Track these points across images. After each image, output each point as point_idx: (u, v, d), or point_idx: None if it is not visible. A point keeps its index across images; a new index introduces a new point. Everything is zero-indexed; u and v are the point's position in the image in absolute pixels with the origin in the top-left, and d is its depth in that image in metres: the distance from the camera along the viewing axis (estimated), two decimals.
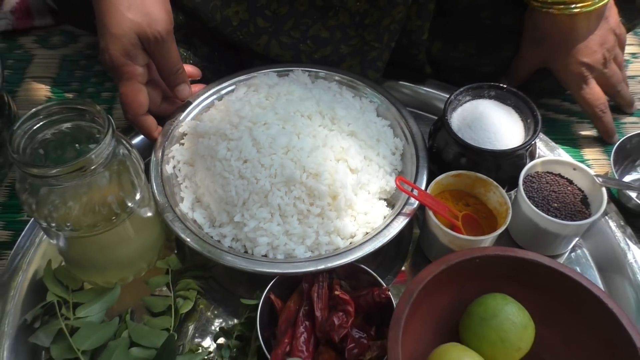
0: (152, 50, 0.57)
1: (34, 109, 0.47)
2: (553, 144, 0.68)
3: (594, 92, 0.68)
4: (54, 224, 0.48)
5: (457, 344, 0.49)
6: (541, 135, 0.68)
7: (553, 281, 0.50)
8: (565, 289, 0.50)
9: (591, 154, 0.70)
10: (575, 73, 0.67)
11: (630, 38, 0.85)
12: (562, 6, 0.61)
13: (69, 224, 0.48)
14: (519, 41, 0.69)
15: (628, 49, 0.83)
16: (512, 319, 0.49)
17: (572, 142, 0.71)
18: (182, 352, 0.54)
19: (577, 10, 0.61)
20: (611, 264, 0.59)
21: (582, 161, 0.70)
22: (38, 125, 0.47)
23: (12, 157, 0.44)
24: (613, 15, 0.66)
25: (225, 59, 0.75)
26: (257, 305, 0.52)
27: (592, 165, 0.69)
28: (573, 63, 0.66)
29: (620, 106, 0.73)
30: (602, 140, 0.71)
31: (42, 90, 0.81)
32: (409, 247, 0.63)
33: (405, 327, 0.48)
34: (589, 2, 0.60)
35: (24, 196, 0.47)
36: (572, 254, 0.61)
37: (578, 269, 0.60)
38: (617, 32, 0.67)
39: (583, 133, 0.73)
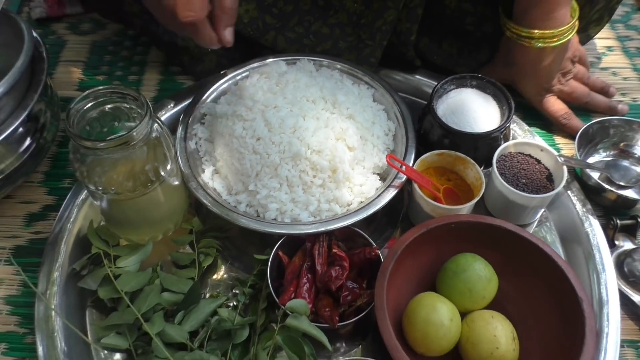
0: None
1: (85, 93, 0.57)
2: (527, 127, 0.78)
3: (554, 106, 0.78)
4: (100, 188, 0.58)
5: (433, 293, 0.59)
6: (518, 120, 0.77)
7: (514, 243, 0.60)
8: (524, 249, 0.59)
9: (561, 138, 0.79)
10: (535, 94, 0.78)
11: (606, 32, 0.93)
12: (532, 40, 0.70)
13: (113, 188, 0.58)
14: (494, 48, 0.78)
15: (604, 43, 0.93)
16: (478, 273, 0.59)
17: (545, 127, 0.80)
18: (204, 298, 0.64)
19: (545, 45, 0.70)
20: (571, 232, 0.69)
21: (553, 144, 0.79)
22: (87, 105, 0.57)
23: (68, 131, 0.54)
24: (573, 44, 0.75)
25: (239, 47, 0.84)
26: (267, 260, 0.62)
27: (561, 148, 0.78)
28: (534, 87, 0.77)
29: (597, 112, 0.81)
30: None
31: (76, 73, 0.90)
32: (399, 217, 0.73)
33: (390, 278, 0.58)
34: (555, 39, 0.69)
35: (77, 165, 0.57)
36: (540, 225, 0.71)
37: (544, 236, 0.69)
38: (576, 55, 0.77)
39: None
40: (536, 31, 0.68)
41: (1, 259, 0.68)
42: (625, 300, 0.64)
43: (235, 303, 0.63)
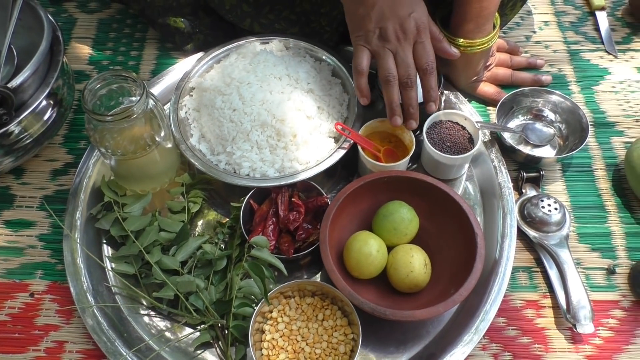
0: None
1: (96, 76, 0.73)
2: (464, 99, 0.92)
3: (485, 91, 0.93)
4: (109, 150, 0.74)
5: (367, 231, 0.76)
6: (459, 94, 0.92)
7: (433, 192, 0.76)
8: (440, 197, 0.76)
9: (493, 110, 0.93)
10: (468, 85, 0.92)
11: (545, 7, 1.06)
12: (466, 48, 0.83)
13: (119, 151, 0.74)
14: None
15: (542, 17, 1.05)
16: (402, 216, 0.75)
17: (480, 99, 0.95)
18: (192, 236, 0.81)
19: (474, 50, 0.84)
20: (488, 183, 0.84)
21: (485, 113, 0.94)
22: (97, 86, 0.73)
23: (84, 107, 0.70)
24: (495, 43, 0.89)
25: (223, 27, 0.98)
26: (241, 207, 0.79)
27: (491, 117, 0.93)
28: (466, 79, 0.91)
29: (525, 86, 0.93)
30: None
31: (85, 49, 1.05)
32: (355, 173, 0.89)
33: (333, 220, 0.75)
34: (484, 45, 0.83)
35: (91, 132, 0.74)
36: (468, 179, 0.87)
37: (469, 188, 0.86)
38: (496, 50, 0.92)
39: None
40: (468, 41, 0.82)
41: (33, 206, 0.86)
42: (524, 236, 0.80)
43: (216, 240, 0.80)
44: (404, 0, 0.76)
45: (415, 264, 0.72)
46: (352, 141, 0.82)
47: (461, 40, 0.82)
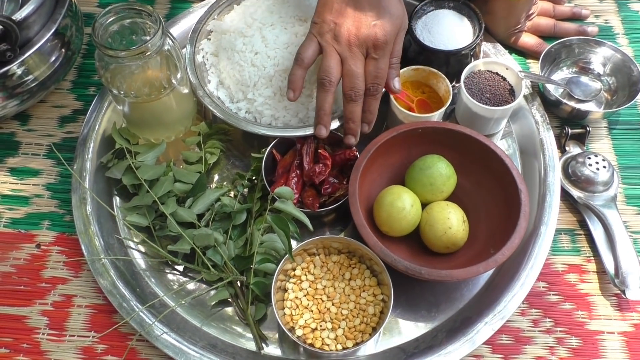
0: (396, 39, 0.69)
1: (106, 9, 0.66)
2: (503, 50, 0.86)
3: (526, 42, 0.86)
4: (122, 92, 0.68)
5: (400, 185, 0.70)
6: (497, 44, 0.85)
7: (471, 145, 0.70)
8: (479, 150, 0.70)
9: (534, 63, 0.86)
10: (508, 35, 0.86)
11: None
12: None
13: (133, 92, 0.68)
14: None
15: None
16: (440, 171, 0.69)
17: (521, 53, 0.88)
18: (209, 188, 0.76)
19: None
20: (529, 139, 0.78)
21: (525, 67, 0.87)
22: (109, 20, 0.67)
23: (94, 41, 0.64)
24: None
25: None
26: (263, 157, 0.73)
27: (532, 70, 0.86)
28: (506, 30, 0.85)
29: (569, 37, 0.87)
30: None
31: None
32: (382, 127, 0.83)
33: (363, 173, 0.69)
34: None
35: (102, 71, 0.68)
36: (505, 136, 0.80)
37: (507, 145, 0.80)
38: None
39: None
40: None
41: (40, 153, 0.81)
42: (567, 196, 0.74)
43: (235, 193, 0.75)
44: (376, 4, 0.67)
45: (453, 220, 0.66)
46: (383, 90, 0.75)
47: None
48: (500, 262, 0.62)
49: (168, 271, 0.71)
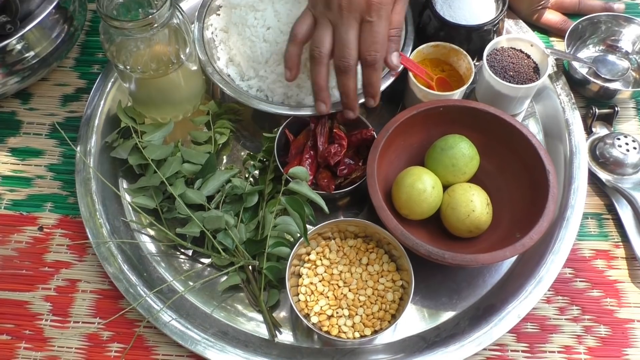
0: (396, 6, 0.63)
1: None
2: (526, 28, 0.82)
3: (550, 19, 0.83)
4: (128, 67, 0.65)
5: (421, 167, 0.67)
6: (520, 22, 0.82)
7: (495, 125, 0.67)
8: (503, 130, 0.66)
9: (558, 41, 0.83)
10: (532, 12, 0.82)
11: None
12: None
13: (139, 67, 0.65)
14: None
15: None
16: (463, 151, 0.66)
17: (544, 31, 0.84)
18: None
19: None
20: (553, 120, 0.75)
21: (549, 45, 0.83)
22: None
23: (99, 11, 0.60)
24: None
25: None
26: (275, 137, 0.70)
27: (554, 46, 0.83)
28: (529, 6, 0.82)
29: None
30: None
31: None
32: (398, 108, 0.79)
33: (382, 153, 0.66)
34: None
35: (107, 45, 0.64)
36: (527, 117, 0.77)
37: (530, 126, 0.76)
38: None
39: None
40: None
41: (42, 133, 0.78)
42: (594, 179, 0.71)
43: (246, 175, 0.71)
44: None
45: (477, 203, 0.63)
46: (400, 67, 0.72)
47: None
48: (528, 246, 0.59)
49: (176, 255, 0.68)
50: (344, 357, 0.62)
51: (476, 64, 0.75)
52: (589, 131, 0.74)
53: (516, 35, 0.75)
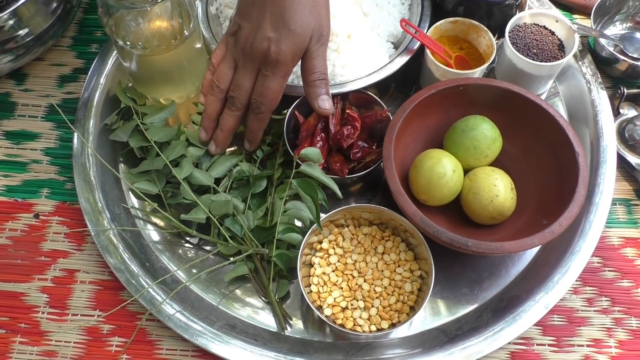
0: (310, 54, 0.59)
1: None
2: (548, 3, 0.78)
3: None
4: (128, 43, 0.61)
5: (440, 149, 0.63)
6: None
7: (519, 105, 0.63)
8: (528, 110, 0.62)
9: (582, 18, 0.79)
10: None
11: None
12: None
13: (140, 43, 0.61)
14: None
15: None
16: (485, 133, 0.62)
17: (567, 7, 0.80)
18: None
19: None
20: (579, 100, 0.71)
21: (573, 22, 0.79)
22: None
23: None
24: None
25: None
26: (284, 119, 0.66)
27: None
28: None
29: None
30: None
31: None
32: (412, 89, 0.75)
33: (398, 135, 0.62)
34: None
35: (105, 19, 0.60)
36: (550, 97, 0.73)
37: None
38: None
39: None
40: None
41: (38, 115, 0.74)
42: (623, 163, 0.67)
43: (255, 158, 0.67)
44: (278, 15, 0.57)
45: (500, 188, 0.59)
46: (416, 45, 0.68)
47: None
48: (558, 233, 0.55)
49: (181, 244, 0.64)
50: (359, 351, 0.58)
51: (496, 41, 0.71)
52: (616, 112, 0.70)
53: (540, 10, 0.70)
